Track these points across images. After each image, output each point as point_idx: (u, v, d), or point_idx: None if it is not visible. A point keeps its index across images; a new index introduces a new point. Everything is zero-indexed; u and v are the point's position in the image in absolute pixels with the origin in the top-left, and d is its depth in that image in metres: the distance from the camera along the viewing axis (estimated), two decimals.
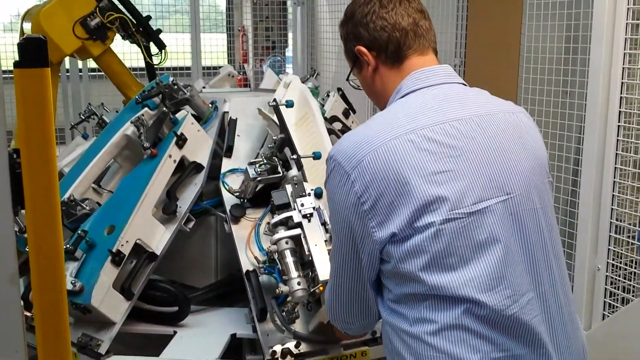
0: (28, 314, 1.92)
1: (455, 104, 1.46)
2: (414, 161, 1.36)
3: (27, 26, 3.63)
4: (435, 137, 1.38)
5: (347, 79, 1.71)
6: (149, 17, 3.53)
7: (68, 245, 2.21)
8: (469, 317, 1.35)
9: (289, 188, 2.15)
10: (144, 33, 3.49)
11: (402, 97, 1.49)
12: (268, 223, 2.28)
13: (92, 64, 5.77)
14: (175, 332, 2.31)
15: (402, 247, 1.36)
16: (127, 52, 4.41)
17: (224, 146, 2.57)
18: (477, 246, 1.36)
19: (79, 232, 2.25)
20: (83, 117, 3.09)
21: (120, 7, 3.48)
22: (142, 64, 3.61)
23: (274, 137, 2.39)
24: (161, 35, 3.69)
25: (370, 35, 1.53)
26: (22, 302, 1.17)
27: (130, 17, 3.45)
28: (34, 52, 1.06)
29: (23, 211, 2.01)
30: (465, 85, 1.54)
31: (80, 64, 5.59)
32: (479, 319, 1.35)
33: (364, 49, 1.54)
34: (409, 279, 1.37)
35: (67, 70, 5.50)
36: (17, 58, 1.09)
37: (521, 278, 1.40)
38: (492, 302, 1.35)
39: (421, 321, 1.37)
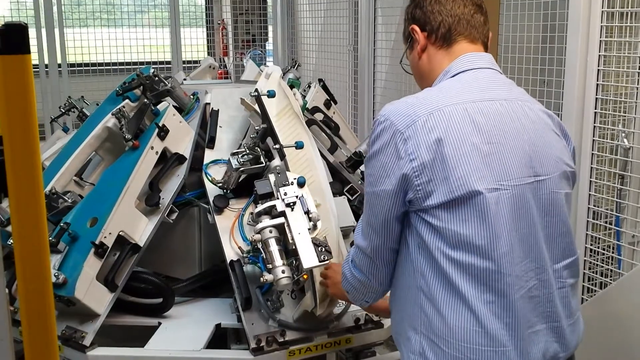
0: (10, 308, 1.91)
1: (502, 86, 1.55)
2: (467, 128, 1.42)
3: None
4: (487, 111, 1.46)
5: (401, 62, 1.78)
6: None
7: (51, 238, 2.20)
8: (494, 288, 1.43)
9: (271, 177, 2.15)
10: None
11: (453, 76, 1.56)
12: (251, 213, 2.29)
13: (70, 59, 5.73)
14: (159, 323, 2.31)
15: (443, 209, 1.42)
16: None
17: (206, 137, 2.57)
18: (513, 218, 1.43)
19: (62, 224, 2.24)
20: (63, 111, 3.06)
21: None
22: None
23: (256, 128, 2.39)
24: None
25: (425, 15, 1.61)
26: (6, 291, 1.17)
27: None
28: (15, 38, 1.06)
29: (4, 205, 1.98)
30: (502, 74, 1.62)
31: (59, 58, 5.54)
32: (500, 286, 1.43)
33: (416, 28, 1.62)
34: (440, 235, 1.44)
35: (46, 66, 5.44)
36: None
37: (543, 254, 1.50)
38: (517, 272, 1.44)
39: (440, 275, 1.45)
